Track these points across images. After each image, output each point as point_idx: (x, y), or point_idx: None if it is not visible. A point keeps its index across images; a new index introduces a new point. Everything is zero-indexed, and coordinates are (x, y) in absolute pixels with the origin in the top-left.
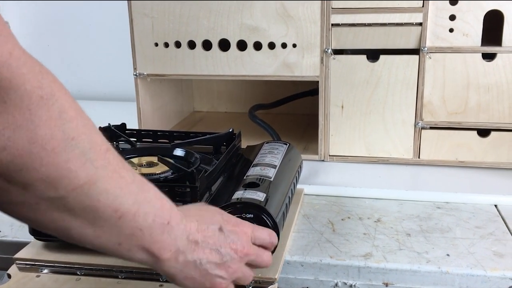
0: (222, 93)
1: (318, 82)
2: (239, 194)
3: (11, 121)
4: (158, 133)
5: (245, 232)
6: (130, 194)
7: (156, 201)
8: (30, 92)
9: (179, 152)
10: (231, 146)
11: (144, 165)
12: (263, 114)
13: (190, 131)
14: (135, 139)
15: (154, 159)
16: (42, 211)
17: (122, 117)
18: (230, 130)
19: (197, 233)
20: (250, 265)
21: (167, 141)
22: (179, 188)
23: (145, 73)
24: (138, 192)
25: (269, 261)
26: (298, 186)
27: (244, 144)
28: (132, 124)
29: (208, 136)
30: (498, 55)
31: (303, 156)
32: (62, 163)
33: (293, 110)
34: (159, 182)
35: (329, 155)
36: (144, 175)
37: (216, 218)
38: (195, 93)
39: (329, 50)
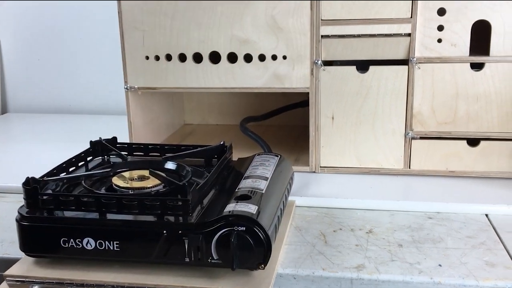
0: (212, 105)
1: (308, 93)
2: (230, 206)
3: None
4: (149, 146)
5: None
6: None
7: None
8: None
9: (170, 165)
10: (223, 158)
11: (136, 178)
12: (254, 126)
13: (181, 144)
14: (126, 153)
15: (146, 172)
16: None
17: (113, 130)
18: (222, 143)
19: None
20: None
21: (159, 154)
22: (171, 201)
23: (136, 87)
24: None
25: None
26: (290, 198)
27: (235, 156)
28: (124, 137)
29: (199, 149)
30: (486, 65)
31: (295, 168)
32: None
33: (284, 121)
34: (150, 196)
35: (320, 167)
36: (135, 189)
37: None
38: (185, 105)
39: (319, 62)
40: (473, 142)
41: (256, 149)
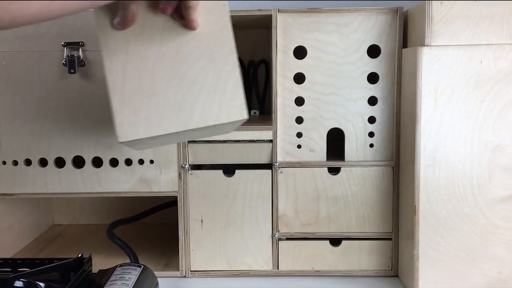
0: (84, 204)
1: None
2: None
3: None
4: None
5: None
6: None
7: None
8: None
9: (19, 283)
10: (80, 272)
11: None
12: (128, 226)
13: (36, 257)
14: None
15: None
16: None
17: None
18: (80, 255)
19: None
20: None
21: (10, 269)
22: None
23: None
24: None
25: None
26: None
27: (102, 263)
28: None
29: (55, 263)
30: (342, 169)
31: (164, 273)
32: None
33: (159, 219)
34: None
35: (191, 271)
36: None
37: None
38: (54, 205)
39: (187, 166)
40: (335, 242)
41: (125, 256)
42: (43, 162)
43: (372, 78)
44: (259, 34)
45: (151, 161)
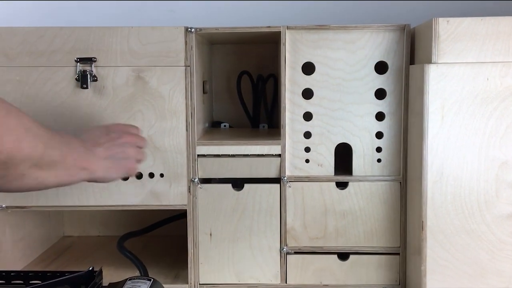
0: (94, 216)
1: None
2: None
3: None
4: (12, 273)
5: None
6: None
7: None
8: None
9: None
10: (91, 285)
11: None
12: (137, 238)
13: (47, 270)
14: None
15: None
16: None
17: None
18: (91, 269)
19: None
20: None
21: (22, 282)
22: None
23: (3, 205)
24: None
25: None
26: None
27: (112, 275)
28: None
29: (66, 276)
30: (350, 184)
31: (174, 286)
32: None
33: (168, 231)
34: None
35: (200, 284)
36: None
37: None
38: (65, 216)
39: (196, 180)
40: (343, 256)
41: (134, 268)
42: None
43: (380, 94)
44: (268, 49)
45: (161, 175)
